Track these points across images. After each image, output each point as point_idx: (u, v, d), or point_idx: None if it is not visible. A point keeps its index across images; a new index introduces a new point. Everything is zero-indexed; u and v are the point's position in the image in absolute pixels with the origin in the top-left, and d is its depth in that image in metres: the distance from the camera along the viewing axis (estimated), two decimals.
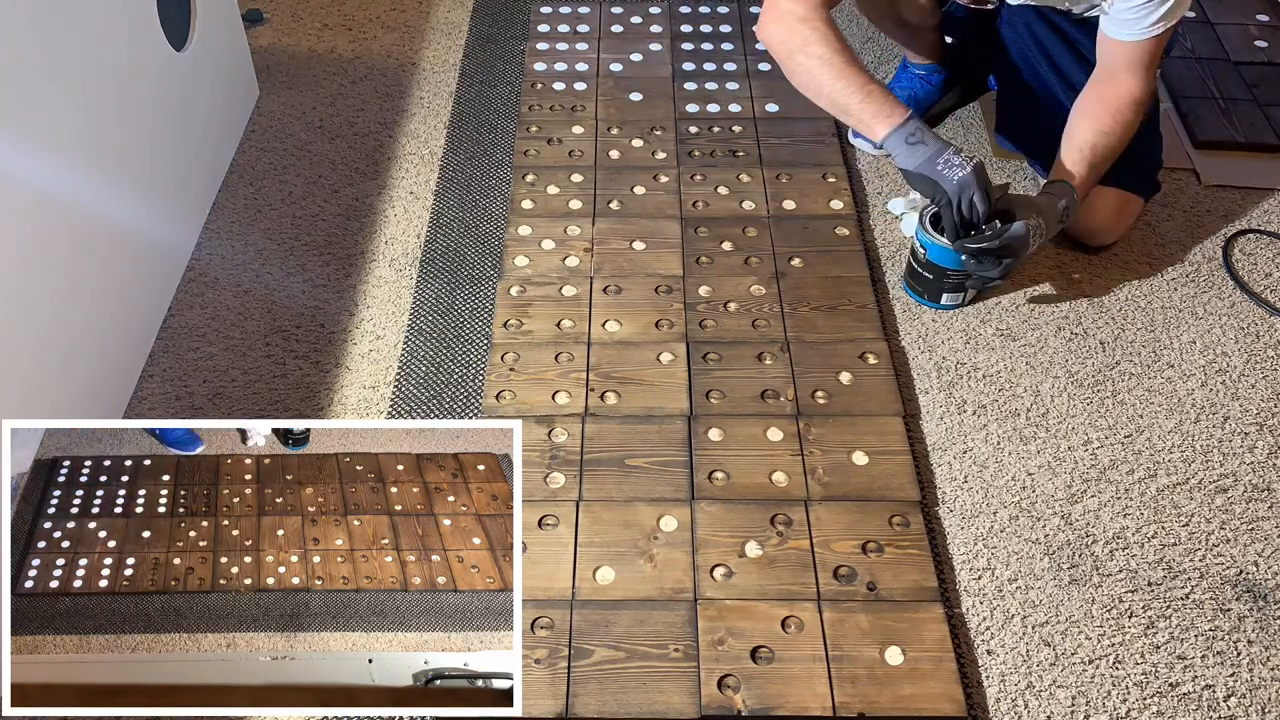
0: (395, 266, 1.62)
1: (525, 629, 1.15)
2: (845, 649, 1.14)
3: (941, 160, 1.41)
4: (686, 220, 1.67)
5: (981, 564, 1.25)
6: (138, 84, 1.48)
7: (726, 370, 1.44)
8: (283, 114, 1.91)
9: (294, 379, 1.45)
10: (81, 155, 1.32)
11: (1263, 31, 2.09)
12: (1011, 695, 1.13)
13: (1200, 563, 1.25)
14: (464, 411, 1.40)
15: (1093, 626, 1.19)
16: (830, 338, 1.48)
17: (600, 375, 1.42)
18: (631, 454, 1.33)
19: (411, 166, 1.80)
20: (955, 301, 1.54)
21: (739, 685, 1.11)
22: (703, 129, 1.84)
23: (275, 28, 2.13)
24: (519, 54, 2.04)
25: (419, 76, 2.01)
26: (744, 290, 1.55)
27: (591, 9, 2.14)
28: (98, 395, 1.36)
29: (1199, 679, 1.15)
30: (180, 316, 1.54)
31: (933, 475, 1.34)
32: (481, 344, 1.49)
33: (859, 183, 1.77)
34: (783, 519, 1.26)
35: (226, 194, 1.74)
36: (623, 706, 1.09)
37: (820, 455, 1.33)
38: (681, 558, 1.22)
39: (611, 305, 1.52)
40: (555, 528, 1.25)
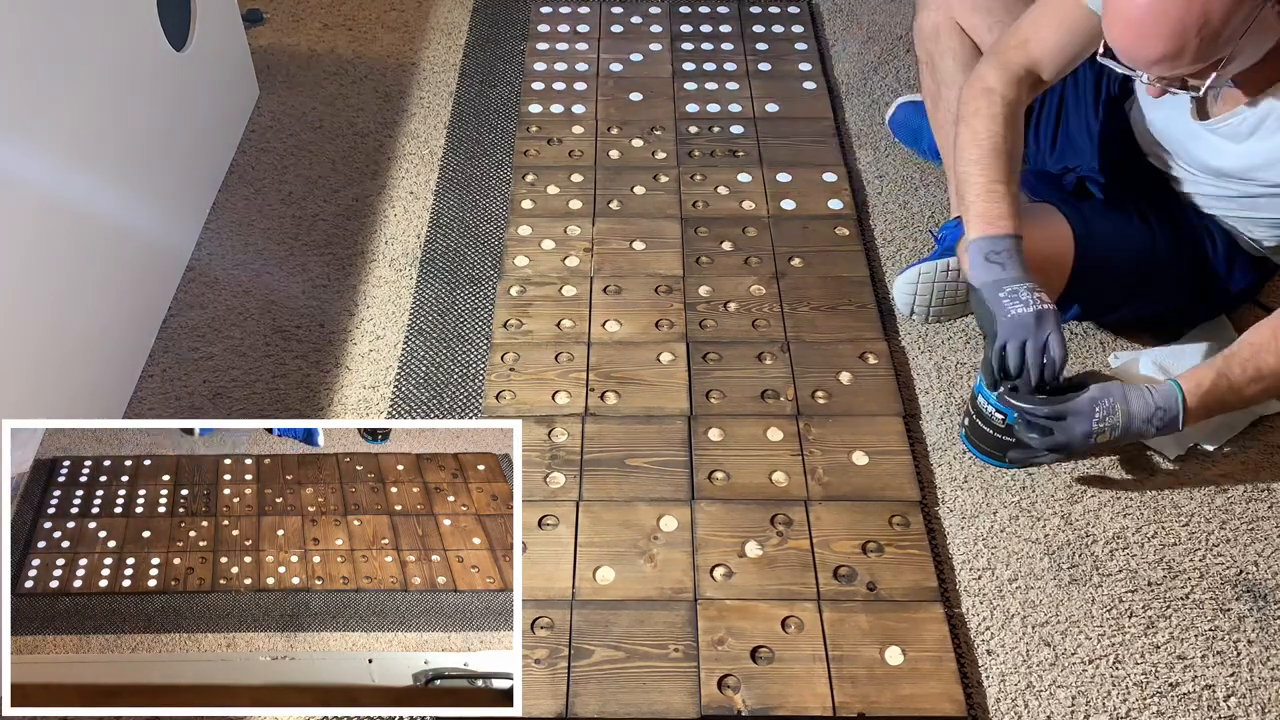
0: (395, 266, 1.62)
1: (525, 629, 1.15)
2: (845, 649, 1.14)
3: (1008, 290, 1.21)
4: (686, 220, 1.67)
5: (981, 564, 1.25)
6: (138, 84, 1.48)
7: (726, 370, 1.44)
8: (283, 114, 1.91)
9: (294, 379, 1.45)
10: (81, 155, 1.32)
11: None
12: (1011, 695, 1.13)
13: (1200, 563, 1.25)
14: (464, 411, 1.40)
15: (1093, 626, 1.19)
16: (830, 338, 1.48)
17: (600, 375, 1.42)
18: (631, 454, 1.33)
19: (411, 166, 1.80)
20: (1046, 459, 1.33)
21: (739, 685, 1.11)
22: (703, 129, 1.84)
23: (275, 28, 2.13)
24: (519, 54, 2.04)
25: (419, 76, 2.01)
26: (744, 290, 1.55)
27: (591, 9, 2.14)
28: (98, 395, 1.36)
29: (1199, 679, 1.15)
30: (180, 316, 1.54)
31: (933, 475, 1.34)
32: (481, 344, 1.49)
33: (859, 183, 1.77)
34: (783, 519, 1.26)
35: (226, 194, 1.74)
36: (623, 706, 1.09)
37: (820, 455, 1.33)
38: (681, 558, 1.22)
39: (611, 305, 1.52)
40: (555, 528, 1.25)
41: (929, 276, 1.49)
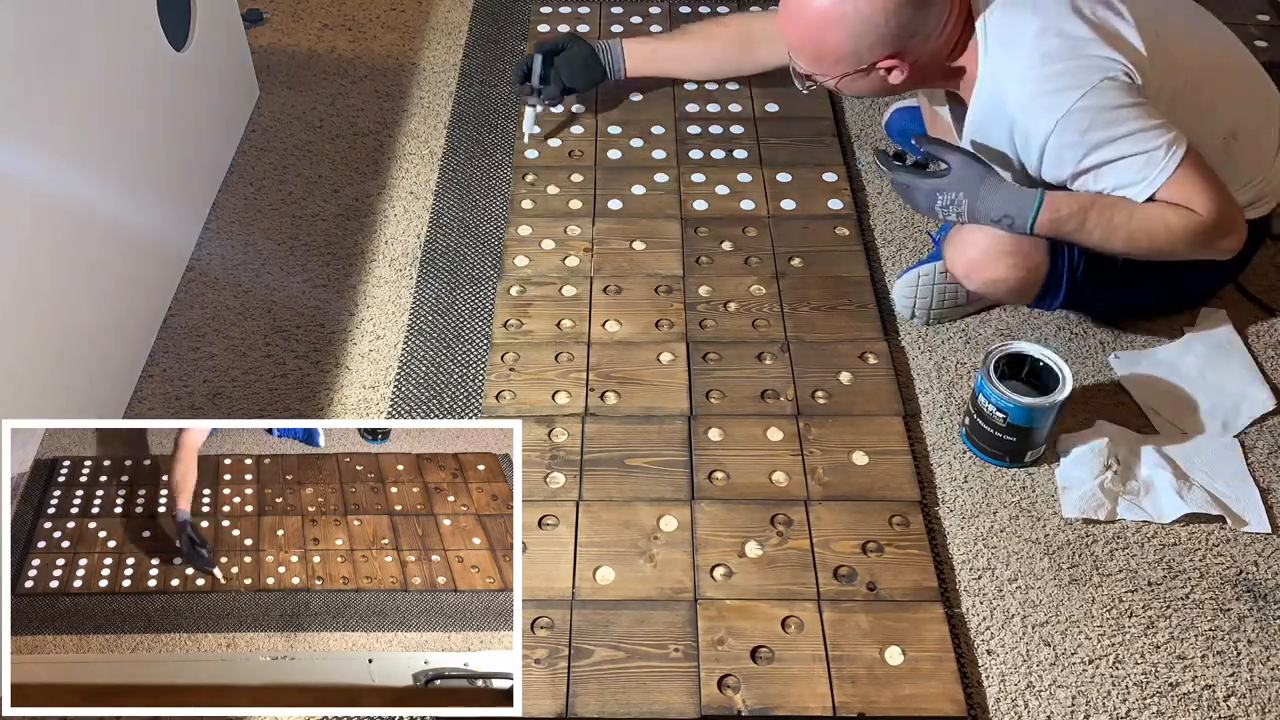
0: (395, 266, 1.62)
1: (525, 629, 1.15)
2: (845, 649, 1.14)
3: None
4: (686, 220, 1.67)
5: (981, 564, 1.25)
6: (138, 84, 1.48)
7: (726, 370, 1.44)
8: (283, 114, 1.91)
9: (294, 379, 1.45)
10: (81, 155, 1.32)
11: (1263, 31, 2.09)
12: (1011, 695, 1.13)
13: (1200, 563, 1.25)
14: (464, 411, 1.40)
15: (1093, 626, 1.19)
16: (830, 338, 1.48)
17: (600, 375, 1.42)
18: (631, 454, 1.33)
19: (411, 166, 1.80)
20: (1037, 456, 1.35)
21: (739, 685, 1.11)
22: (703, 129, 1.84)
23: (275, 28, 2.13)
24: (519, 54, 2.04)
25: (419, 76, 2.01)
26: (744, 290, 1.55)
27: (591, 9, 2.13)
28: (98, 395, 1.36)
29: (1199, 679, 1.15)
30: (180, 316, 1.54)
31: (933, 475, 1.34)
32: (481, 344, 1.49)
33: (859, 183, 1.77)
34: (783, 519, 1.26)
35: (226, 194, 1.74)
36: (623, 706, 1.09)
37: (820, 455, 1.33)
38: (681, 558, 1.22)
39: (611, 305, 1.52)
40: (555, 528, 1.25)
41: (928, 279, 1.49)
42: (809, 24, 1.30)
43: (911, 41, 1.28)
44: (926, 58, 1.31)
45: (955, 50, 1.32)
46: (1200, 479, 1.31)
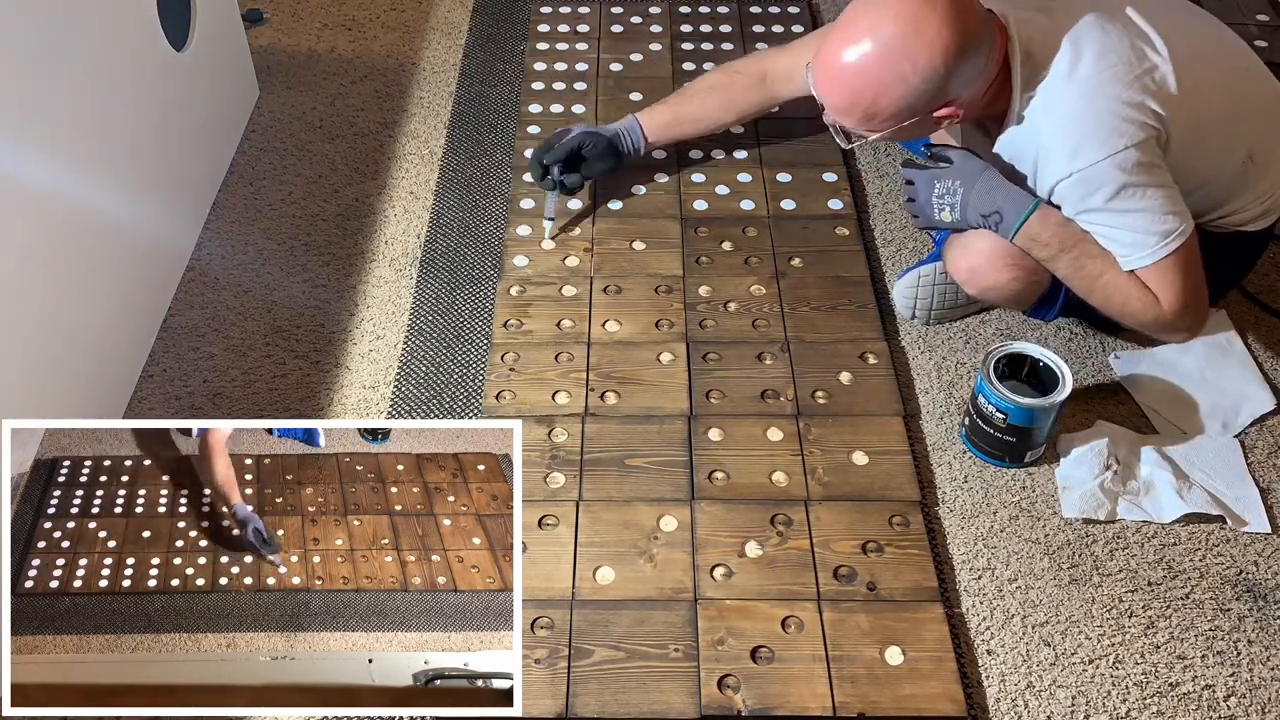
0: (395, 266, 1.62)
1: (525, 629, 1.15)
2: (845, 649, 1.14)
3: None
4: (686, 220, 1.67)
5: (981, 564, 1.25)
6: (138, 84, 1.48)
7: (726, 370, 1.44)
8: (283, 114, 1.91)
9: (294, 379, 1.45)
10: (81, 155, 1.32)
11: (1263, 31, 2.09)
12: (1011, 695, 1.13)
13: (1200, 563, 1.25)
14: (464, 411, 1.40)
15: (1093, 626, 1.19)
16: (830, 338, 1.48)
17: (600, 375, 1.42)
18: (631, 454, 1.33)
19: (411, 166, 1.80)
20: (1036, 456, 1.35)
21: (739, 685, 1.11)
22: None
23: (275, 28, 2.13)
24: (519, 54, 2.04)
25: (419, 76, 2.01)
26: (744, 290, 1.55)
27: (591, 9, 2.13)
28: (98, 395, 1.36)
29: (1199, 679, 1.15)
30: (180, 316, 1.54)
31: (933, 475, 1.34)
32: (481, 344, 1.49)
33: (859, 183, 1.77)
34: (783, 519, 1.26)
35: (226, 194, 1.74)
36: (623, 706, 1.09)
37: (820, 455, 1.33)
38: (681, 558, 1.22)
39: (611, 305, 1.52)
40: (555, 528, 1.25)
41: (929, 279, 1.49)
42: (861, 89, 1.23)
43: (967, 86, 1.25)
44: (974, 95, 1.27)
45: (995, 82, 1.28)
46: (1200, 479, 1.31)
